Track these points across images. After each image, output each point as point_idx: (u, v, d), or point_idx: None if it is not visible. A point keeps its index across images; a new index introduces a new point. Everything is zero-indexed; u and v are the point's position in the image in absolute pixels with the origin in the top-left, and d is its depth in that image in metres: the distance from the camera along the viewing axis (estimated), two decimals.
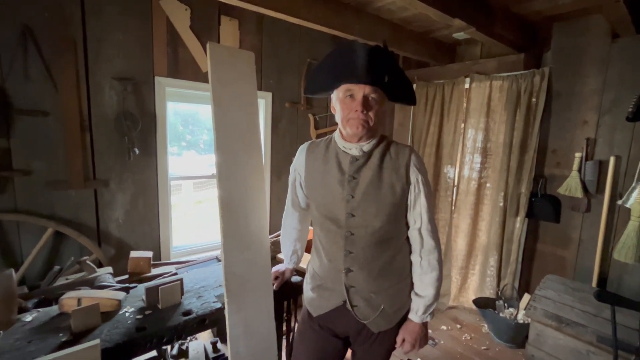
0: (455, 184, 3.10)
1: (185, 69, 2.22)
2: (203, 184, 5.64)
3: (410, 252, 1.12)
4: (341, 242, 1.06)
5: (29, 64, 1.69)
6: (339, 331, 1.15)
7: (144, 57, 2.06)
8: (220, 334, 1.95)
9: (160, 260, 2.27)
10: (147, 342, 1.13)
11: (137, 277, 1.68)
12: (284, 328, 1.61)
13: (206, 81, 2.29)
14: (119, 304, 1.25)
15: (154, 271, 1.80)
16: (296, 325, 1.70)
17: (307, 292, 1.21)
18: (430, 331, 2.52)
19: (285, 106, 2.78)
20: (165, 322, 1.20)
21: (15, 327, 1.12)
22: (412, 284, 1.12)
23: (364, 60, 0.94)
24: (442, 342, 2.50)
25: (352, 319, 1.09)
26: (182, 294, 1.36)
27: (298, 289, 1.51)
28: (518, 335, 2.40)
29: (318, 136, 2.98)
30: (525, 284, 2.77)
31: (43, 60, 1.72)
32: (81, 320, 1.10)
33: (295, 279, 1.53)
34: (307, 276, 1.23)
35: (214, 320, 1.29)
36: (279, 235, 1.85)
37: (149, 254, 1.68)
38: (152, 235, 2.25)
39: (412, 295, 1.10)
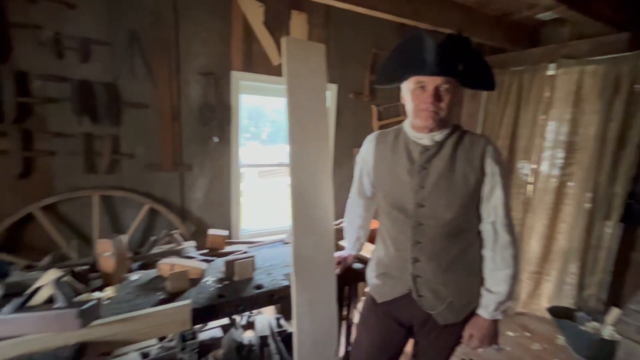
0: (531, 181, 2.84)
1: (257, 63, 2.38)
2: (267, 173, 5.95)
3: (482, 247, 1.08)
4: (409, 232, 1.07)
5: (135, 63, 1.99)
6: (403, 319, 1.17)
7: (223, 53, 2.27)
8: (283, 312, 2.09)
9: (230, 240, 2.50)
10: (226, 308, 1.28)
11: (214, 252, 1.87)
12: (344, 313, 1.66)
13: (276, 74, 2.42)
14: (203, 273, 1.43)
15: (228, 248, 1.98)
16: (355, 311, 1.75)
17: (372, 279, 1.24)
18: None
19: (348, 97, 2.80)
20: (241, 292, 1.33)
21: (125, 283, 1.35)
22: (482, 280, 1.08)
23: (435, 51, 0.92)
24: (508, 348, 2.34)
25: (417, 309, 1.10)
26: (254, 270, 1.50)
27: (359, 275, 1.55)
28: (602, 352, 2.14)
29: (381, 128, 2.95)
30: (614, 297, 2.44)
31: (145, 60, 2.00)
32: (175, 283, 1.28)
33: (357, 265, 1.57)
34: (372, 263, 1.26)
35: (281, 296, 1.40)
36: (340, 223, 1.90)
37: (225, 232, 1.87)
38: (224, 217, 2.49)
39: (483, 291, 1.07)
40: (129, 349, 1.77)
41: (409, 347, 1.27)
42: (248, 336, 1.92)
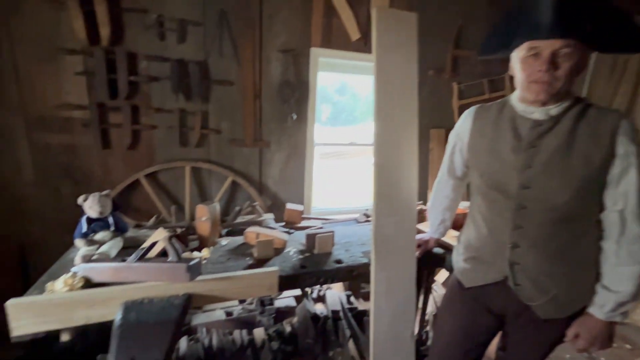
0: None
1: (336, 39, 2.35)
2: (328, 155, 5.97)
3: (601, 238, 0.94)
4: (508, 215, 0.97)
5: (223, 42, 2.11)
6: (494, 308, 1.09)
7: (303, 30, 2.28)
8: (353, 289, 2.13)
9: None
10: (308, 279, 1.33)
11: (291, 225, 1.95)
12: (421, 297, 1.62)
13: (354, 50, 2.37)
14: (285, 244, 1.50)
15: (303, 223, 2.05)
16: (430, 296, 1.70)
17: (459, 263, 1.17)
18: None
19: (428, 74, 2.63)
20: (321, 265, 1.37)
21: (217, 247, 1.48)
22: (598, 275, 0.95)
23: (553, 8, 0.78)
24: (602, 358, 2.08)
25: (513, 298, 1.01)
26: (333, 245, 1.52)
27: (439, 260, 1.49)
28: None
29: (461, 107, 2.73)
30: None
31: (232, 39, 2.11)
32: (262, 250, 1.37)
33: (437, 250, 1.50)
34: (459, 247, 1.19)
35: (360, 273, 1.40)
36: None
37: (301, 207, 1.93)
38: (297, 194, 2.57)
39: (599, 288, 0.93)
40: (215, 306, 1.97)
41: (493, 345, 1.19)
42: (319, 309, 2.00)
